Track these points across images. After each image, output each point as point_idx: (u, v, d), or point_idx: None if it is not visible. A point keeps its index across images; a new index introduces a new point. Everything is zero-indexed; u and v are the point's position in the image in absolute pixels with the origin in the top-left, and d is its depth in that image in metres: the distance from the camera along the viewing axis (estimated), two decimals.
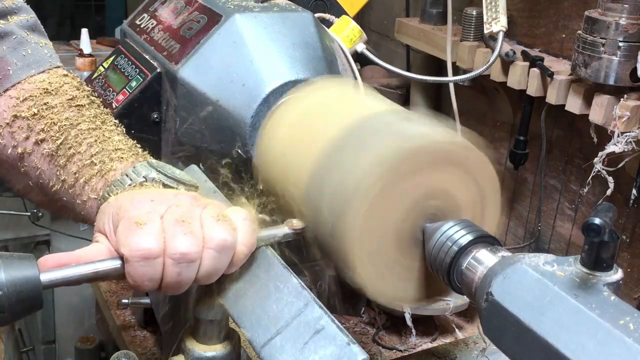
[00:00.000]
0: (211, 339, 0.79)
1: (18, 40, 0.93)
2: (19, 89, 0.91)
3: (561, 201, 1.46)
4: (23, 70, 0.92)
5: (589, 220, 0.58)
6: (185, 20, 1.15)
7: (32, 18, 0.98)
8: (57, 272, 0.69)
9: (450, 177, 0.80)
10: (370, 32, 2.07)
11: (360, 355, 0.65)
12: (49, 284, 0.68)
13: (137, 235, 0.70)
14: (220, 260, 0.73)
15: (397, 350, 1.27)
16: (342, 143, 0.83)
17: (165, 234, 0.71)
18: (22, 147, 0.89)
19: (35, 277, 0.67)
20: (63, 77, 0.95)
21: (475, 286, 0.72)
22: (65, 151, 0.87)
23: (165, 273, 0.71)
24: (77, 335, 1.59)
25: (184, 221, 0.71)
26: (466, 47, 1.47)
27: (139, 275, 0.70)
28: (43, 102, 0.90)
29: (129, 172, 0.81)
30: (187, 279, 0.72)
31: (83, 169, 0.85)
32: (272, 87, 1.01)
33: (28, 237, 2.09)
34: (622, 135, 1.15)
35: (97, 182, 0.83)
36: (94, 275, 0.71)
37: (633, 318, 0.58)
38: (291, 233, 0.80)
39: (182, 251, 0.70)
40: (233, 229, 0.73)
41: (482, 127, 1.66)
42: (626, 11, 1.13)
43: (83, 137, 0.87)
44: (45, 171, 0.88)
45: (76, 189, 0.85)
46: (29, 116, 0.89)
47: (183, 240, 0.70)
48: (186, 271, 0.71)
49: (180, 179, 0.81)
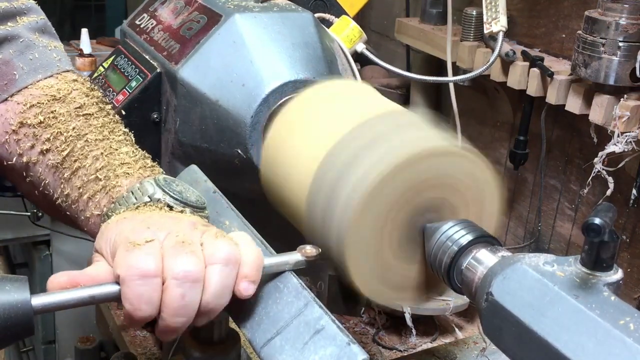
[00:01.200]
0: (211, 339, 0.79)
1: (25, 43, 0.92)
2: (26, 95, 0.89)
3: (561, 201, 1.46)
4: (29, 74, 0.90)
5: (589, 220, 0.58)
6: (185, 20, 1.15)
7: (42, 19, 0.96)
8: (51, 297, 0.66)
9: (448, 180, 0.80)
10: (370, 32, 2.07)
11: (360, 355, 0.65)
12: (41, 309, 0.64)
13: (134, 254, 0.67)
14: (226, 275, 0.69)
15: (397, 350, 1.27)
16: (341, 149, 0.83)
17: (164, 254, 0.68)
18: (28, 156, 0.87)
19: (26, 301, 0.63)
20: (72, 82, 0.92)
21: (475, 286, 0.72)
22: (71, 164, 0.85)
23: (167, 296, 0.67)
24: (77, 335, 1.59)
25: (184, 242, 0.69)
26: (466, 47, 1.47)
27: (135, 297, 0.66)
28: (50, 109, 0.88)
29: (135, 189, 0.79)
30: (193, 301, 0.68)
31: (87, 184, 0.83)
32: (272, 87, 1.01)
33: (28, 237, 2.09)
34: (622, 135, 1.15)
35: (101, 198, 0.82)
36: (90, 300, 0.67)
37: (633, 318, 0.58)
38: (304, 260, 0.77)
39: (184, 269, 0.67)
40: (235, 244, 0.71)
41: (482, 127, 1.66)
42: (626, 11, 1.13)
43: (89, 150, 0.85)
44: (50, 183, 0.87)
45: (79, 205, 0.84)
46: (35, 124, 0.87)
47: (184, 259, 0.67)
48: (190, 292, 0.67)
49: (186, 201, 0.79)
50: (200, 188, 0.89)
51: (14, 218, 1.96)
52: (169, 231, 0.71)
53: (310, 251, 0.77)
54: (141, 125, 1.12)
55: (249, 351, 0.89)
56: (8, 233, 2.08)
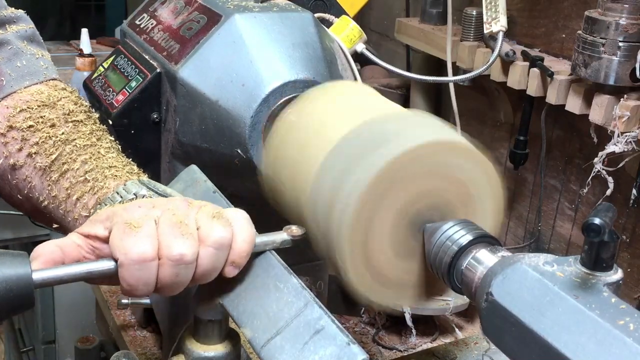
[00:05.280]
0: (211, 339, 0.79)
1: (14, 50, 0.93)
2: (16, 99, 0.90)
3: (561, 201, 1.46)
4: (17, 81, 0.92)
5: (589, 220, 0.58)
6: (185, 21, 1.15)
7: (31, 29, 0.98)
8: (50, 271, 0.68)
9: (447, 178, 0.80)
10: (370, 32, 2.07)
11: (360, 355, 0.65)
12: (41, 283, 0.67)
13: (132, 239, 0.69)
14: (217, 258, 0.72)
15: (397, 350, 1.27)
16: (341, 149, 0.83)
17: (160, 236, 0.70)
18: (15, 159, 0.88)
19: (27, 275, 0.66)
20: (62, 90, 0.94)
21: (475, 286, 0.72)
22: (59, 166, 0.86)
23: (162, 275, 0.70)
24: (77, 335, 1.59)
25: (180, 222, 0.71)
26: (466, 47, 1.47)
27: (134, 279, 0.69)
28: (40, 114, 0.89)
29: (120, 189, 0.81)
30: (185, 279, 0.71)
31: (76, 186, 0.84)
32: (272, 87, 1.01)
33: (28, 237, 2.09)
34: (622, 135, 1.15)
35: (89, 199, 0.83)
36: (87, 275, 0.69)
37: (633, 318, 0.58)
38: (290, 239, 0.79)
39: (180, 252, 0.69)
40: (229, 225, 0.73)
41: (482, 127, 1.66)
42: (626, 11, 1.13)
43: (78, 154, 0.86)
44: (35, 186, 0.87)
45: (67, 206, 0.85)
46: (25, 128, 0.88)
47: (180, 243, 0.69)
48: (184, 272, 0.70)
49: (171, 196, 0.80)
50: (200, 188, 0.89)
51: (14, 218, 1.96)
52: (163, 208, 0.72)
53: (296, 231, 0.80)
54: (141, 125, 1.12)
55: (249, 351, 0.89)
56: (8, 233, 2.08)
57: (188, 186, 0.91)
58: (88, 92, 1.25)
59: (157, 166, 1.16)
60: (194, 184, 0.90)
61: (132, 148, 1.05)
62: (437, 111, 1.76)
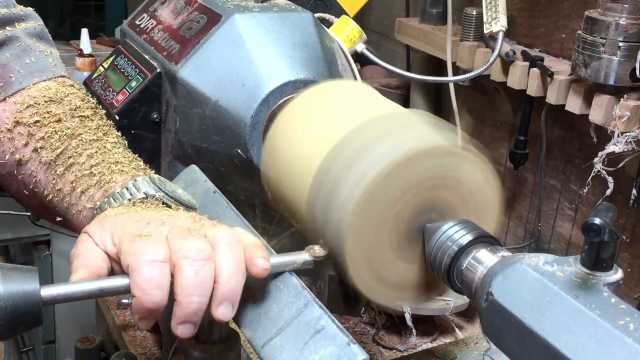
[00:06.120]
0: (211, 339, 0.79)
1: (22, 47, 0.93)
2: (24, 96, 0.91)
3: (561, 201, 1.46)
4: (25, 77, 0.92)
5: (589, 220, 0.58)
6: (185, 20, 1.15)
7: (40, 26, 0.98)
8: (60, 288, 0.66)
9: (448, 180, 0.80)
10: (370, 32, 2.07)
11: (360, 355, 0.65)
12: (49, 300, 0.65)
13: (142, 243, 0.67)
14: (235, 252, 0.68)
15: (397, 350, 1.27)
16: (341, 149, 0.83)
17: (171, 243, 0.68)
18: (21, 154, 0.88)
19: (36, 291, 0.64)
20: (70, 87, 0.94)
21: (475, 286, 0.72)
22: (65, 160, 0.86)
23: (180, 276, 0.65)
24: (77, 335, 1.59)
25: (189, 229, 0.70)
26: (466, 47, 1.47)
27: (145, 281, 0.65)
28: (46, 110, 0.89)
29: (129, 185, 0.80)
30: (206, 278, 0.66)
31: (81, 179, 0.84)
32: (272, 87, 1.01)
33: (28, 237, 2.09)
34: (622, 135, 1.15)
35: (95, 192, 0.82)
36: (99, 292, 0.67)
37: (633, 318, 0.58)
38: (312, 260, 0.76)
39: (194, 247, 0.66)
40: (234, 232, 0.72)
41: (482, 127, 1.66)
42: (626, 11, 1.13)
43: (84, 148, 0.86)
44: (41, 180, 0.87)
45: (71, 199, 0.84)
46: (31, 123, 0.88)
47: (191, 240, 0.67)
48: (203, 269, 0.66)
49: (180, 199, 0.80)
50: (200, 188, 0.89)
51: (14, 218, 1.96)
52: (171, 225, 0.71)
53: (318, 252, 0.76)
54: (141, 125, 1.12)
55: (249, 351, 0.89)
56: (8, 233, 2.08)
57: (188, 186, 0.91)
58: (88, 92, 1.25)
59: (157, 166, 1.16)
60: (194, 184, 0.90)
61: (132, 148, 1.05)
62: (437, 111, 1.76)
